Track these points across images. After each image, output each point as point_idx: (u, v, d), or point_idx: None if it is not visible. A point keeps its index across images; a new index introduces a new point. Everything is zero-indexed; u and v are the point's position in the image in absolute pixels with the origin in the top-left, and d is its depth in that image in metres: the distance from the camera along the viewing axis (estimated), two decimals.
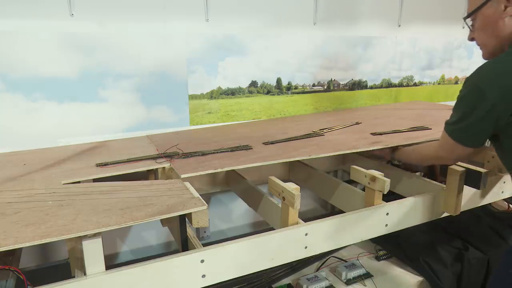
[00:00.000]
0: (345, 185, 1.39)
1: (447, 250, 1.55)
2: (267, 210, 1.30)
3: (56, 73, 1.46)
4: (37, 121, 1.46)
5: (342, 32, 2.04)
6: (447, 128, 1.12)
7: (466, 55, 2.55)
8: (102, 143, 1.48)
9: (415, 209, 1.28)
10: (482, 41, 1.12)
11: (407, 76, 2.36)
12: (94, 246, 0.84)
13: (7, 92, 1.39)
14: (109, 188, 1.05)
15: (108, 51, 1.52)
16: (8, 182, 1.09)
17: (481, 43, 1.13)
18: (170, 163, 1.22)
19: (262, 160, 1.24)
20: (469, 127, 1.04)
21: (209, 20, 1.68)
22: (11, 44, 1.37)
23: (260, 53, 1.84)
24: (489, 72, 1.00)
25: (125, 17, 1.53)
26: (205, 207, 0.93)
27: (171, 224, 1.26)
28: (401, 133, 1.56)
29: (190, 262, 0.93)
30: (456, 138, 1.09)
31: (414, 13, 2.24)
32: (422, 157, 1.32)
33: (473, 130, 1.05)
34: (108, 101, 1.56)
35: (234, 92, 1.83)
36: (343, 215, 1.16)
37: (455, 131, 1.09)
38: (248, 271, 1.03)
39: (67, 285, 0.82)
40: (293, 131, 1.60)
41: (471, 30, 1.14)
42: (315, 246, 1.11)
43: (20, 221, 0.85)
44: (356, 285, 1.42)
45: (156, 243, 1.81)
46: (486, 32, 1.09)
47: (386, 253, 1.59)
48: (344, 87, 2.15)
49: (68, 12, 1.43)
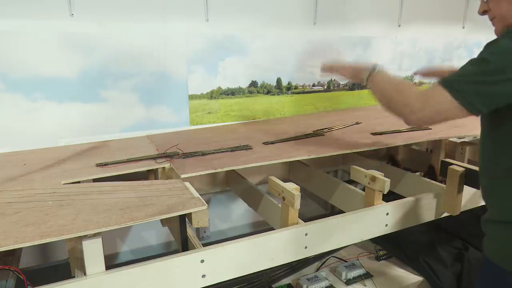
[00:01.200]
0: (345, 185, 1.39)
1: (447, 250, 1.55)
2: (267, 210, 1.31)
3: (56, 73, 1.46)
4: (37, 121, 1.46)
5: (342, 32, 2.04)
6: (448, 79, 0.92)
7: (466, 55, 2.54)
8: (102, 143, 1.48)
9: (415, 209, 1.28)
10: (501, 12, 0.94)
11: (407, 76, 2.36)
12: (94, 246, 0.84)
13: (7, 92, 1.39)
14: (109, 188, 1.05)
15: (108, 51, 1.52)
16: (8, 182, 1.09)
17: (499, 15, 0.95)
18: (170, 163, 1.22)
19: (262, 160, 1.24)
20: (490, 85, 0.85)
21: (209, 20, 1.68)
22: (11, 44, 1.37)
23: (260, 53, 1.84)
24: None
25: (125, 17, 1.53)
26: (205, 207, 0.93)
27: (171, 224, 1.26)
28: (401, 133, 1.56)
29: (190, 262, 0.93)
30: (458, 91, 0.89)
31: (414, 13, 2.24)
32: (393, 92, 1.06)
33: (493, 90, 0.86)
34: (108, 101, 1.56)
35: (234, 92, 1.83)
36: (343, 215, 1.16)
37: (461, 83, 0.89)
38: (248, 271, 1.03)
39: (67, 285, 0.82)
40: (293, 131, 1.60)
41: (484, 2, 0.98)
42: (315, 246, 1.11)
43: (20, 221, 0.85)
44: (356, 285, 1.42)
45: (156, 243, 1.81)
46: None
47: (386, 253, 1.59)
48: (344, 87, 2.15)
49: (68, 12, 1.43)
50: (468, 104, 0.89)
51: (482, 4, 0.99)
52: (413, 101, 0.97)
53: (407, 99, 0.99)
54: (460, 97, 0.89)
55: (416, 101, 0.97)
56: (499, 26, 0.97)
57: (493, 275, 0.99)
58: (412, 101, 0.97)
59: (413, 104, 0.97)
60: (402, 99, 1.01)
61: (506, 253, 0.95)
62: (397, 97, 1.03)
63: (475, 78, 0.87)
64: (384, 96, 1.10)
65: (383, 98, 1.10)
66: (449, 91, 0.90)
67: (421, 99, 0.96)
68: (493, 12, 0.97)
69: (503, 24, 0.95)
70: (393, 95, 1.05)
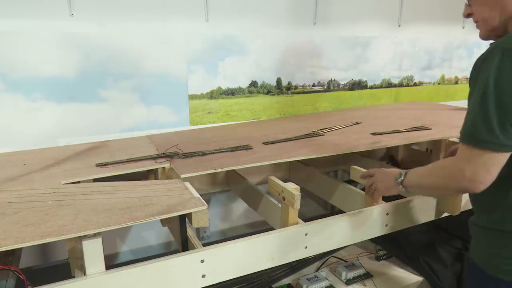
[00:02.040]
0: (345, 185, 1.39)
1: (447, 250, 1.55)
2: (267, 210, 1.31)
3: (56, 73, 1.46)
4: (37, 121, 1.46)
5: (342, 32, 2.05)
6: (470, 136, 0.86)
7: (466, 55, 2.55)
8: (102, 143, 1.48)
9: (415, 209, 1.28)
10: (483, 16, 0.94)
11: (407, 76, 2.36)
12: (94, 246, 0.84)
13: (7, 92, 1.39)
14: (109, 188, 1.05)
15: (108, 51, 1.52)
16: (8, 182, 1.09)
17: (481, 19, 0.95)
18: (170, 163, 1.22)
19: (262, 160, 1.24)
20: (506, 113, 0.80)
21: (209, 20, 1.69)
22: (11, 44, 1.37)
23: (260, 53, 1.84)
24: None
25: (125, 17, 1.53)
26: (205, 207, 0.93)
27: (171, 224, 1.26)
28: (401, 133, 1.56)
29: (190, 262, 0.93)
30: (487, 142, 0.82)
31: (414, 13, 2.25)
32: (440, 181, 0.95)
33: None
34: (108, 101, 1.56)
35: (234, 92, 1.83)
36: (343, 215, 1.16)
37: (482, 133, 0.83)
38: (248, 271, 1.03)
39: (67, 285, 0.82)
40: (293, 131, 1.60)
41: (468, 4, 0.98)
42: (315, 246, 1.12)
43: (20, 221, 0.85)
44: (356, 285, 1.41)
45: (156, 243, 1.81)
46: (488, 3, 0.92)
47: (386, 253, 1.59)
48: (344, 87, 2.15)
49: (68, 12, 1.43)
50: (501, 146, 0.83)
51: (466, 8, 0.99)
52: (461, 173, 0.87)
53: (455, 176, 0.89)
54: (492, 147, 0.83)
55: (464, 171, 0.86)
56: (483, 30, 0.97)
57: (479, 278, 0.99)
58: (460, 173, 0.87)
59: (467, 175, 0.86)
60: (451, 182, 0.91)
61: (488, 258, 0.96)
62: (446, 182, 0.93)
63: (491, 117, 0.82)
64: (432, 189, 1.04)
65: (433, 190, 1.07)
66: (483, 147, 0.83)
67: (466, 167, 0.86)
68: (476, 16, 0.97)
69: (486, 28, 0.96)
70: (443, 183, 0.94)
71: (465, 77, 2.60)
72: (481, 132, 0.83)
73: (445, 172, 0.93)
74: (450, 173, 0.90)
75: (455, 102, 2.49)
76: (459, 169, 0.87)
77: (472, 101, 0.87)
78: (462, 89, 2.61)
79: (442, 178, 0.94)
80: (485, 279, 0.97)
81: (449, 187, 0.93)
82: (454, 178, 0.89)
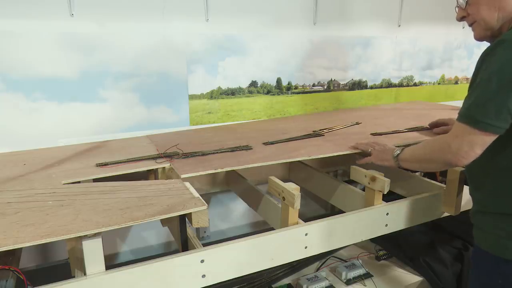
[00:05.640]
0: (345, 185, 1.39)
1: (447, 250, 1.55)
2: (267, 210, 1.31)
3: (56, 73, 1.46)
4: (37, 121, 1.46)
5: (342, 32, 2.04)
6: (466, 114, 0.92)
7: (466, 55, 2.55)
8: (102, 143, 1.48)
9: (415, 209, 1.28)
10: (481, 15, 0.96)
11: (407, 76, 2.36)
12: (94, 246, 0.84)
13: (7, 92, 1.39)
14: (109, 188, 1.05)
15: (108, 51, 1.52)
16: (8, 182, 1.09)
17: (480, 19, 0.97)
18: (170, 163, 1.22)
19: (262, 160, 1.24)
20: (504, 100, 0.86)
21: (209, 20, 1.68)
22: (11, 44, 1.37)
23: (260, 53, 1.84)
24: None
25: (125, 17, 1.53)
26: (205, 207, 0.93)
27: (171, 224, 1.26)
28: (401, 133, 1.56)
29: (190, 262, 0.93)
30: (479, 122, 0.89)
31: (414, 13, 2.24)
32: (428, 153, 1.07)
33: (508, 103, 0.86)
34: (108, 101, 1.56)
35: (234, 92, 1.83)
36: (343, 215, 1.16)
37: (478, 113, 0.89)
38: (248, 271, 1.03)
39: (67, 285, 0.82)
40: (293, 131, 1.60)
41: (462, 8, 1.01)
42: (315, 246, 1.12)
43: (20, 221, 0.85)
44: (356, 285, 1.42)
45: (156, 243, 1.81)
46: (488, 2, 0.94)
47: (386, 253, 1.59)
48: (344, 87, 2.15)
49: (68, 12, 1.43)
50: (493, 128, 0.89)
51: (460, 11, 1.03)
52: (448, 146, 0.96)
53: (442, 149, 0.99)
54: (483, 126, 0.89)
55: (450, 145, 0.96)
56: (479, 30, 1.00)
57: (490, 266, 1.01)
58: (447, 146, 0.97)
59: (452, 149, 0.95)
60: (439, 154, 1.01)
61: (498, 241, 0.98)
62: (434, 153, 1.03)
63: (489, 99, 0.88)
64: (422, 161, 1.11)
65: (423, 163, 1.11)
66: (473, 126, 0.90)
67: (452, 141, 0.96)
68: (472, 17, 0.99)
69: (483, 28, 0.98)
70: (431, 155, 1.05)
71: (465, 77, 2.60)
72: (477, 113, 0.90)
73: (434, 144, 1.04)
74: (439, 146, 1.01)
75: (455, 102, 2.48)
76: (446, 142, 0.97)
77: (473, 87, 0.93)
78: (462, 89, 2.61)
79: (431, 150, 1.05)
80: (497, 265, 0.99)
81: (436, 159, 1.03)
82: (442, 150, 0.99)
